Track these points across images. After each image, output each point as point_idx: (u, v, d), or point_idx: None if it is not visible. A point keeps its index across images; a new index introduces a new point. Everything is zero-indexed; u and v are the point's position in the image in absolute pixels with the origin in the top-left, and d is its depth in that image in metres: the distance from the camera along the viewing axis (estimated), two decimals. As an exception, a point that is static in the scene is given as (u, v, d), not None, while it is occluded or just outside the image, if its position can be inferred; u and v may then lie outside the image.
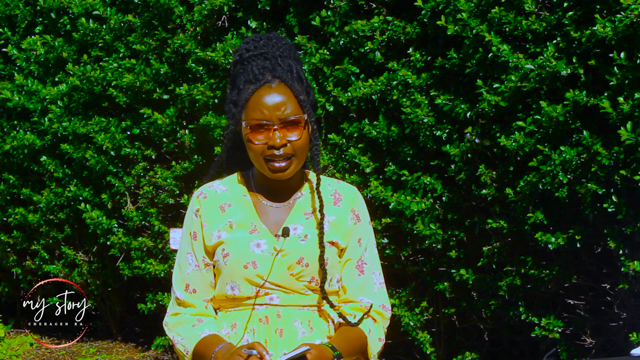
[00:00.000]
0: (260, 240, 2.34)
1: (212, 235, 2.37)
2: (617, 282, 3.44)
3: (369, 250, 2.45)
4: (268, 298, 2.34)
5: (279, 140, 2.30)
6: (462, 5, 3.36)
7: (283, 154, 2.31)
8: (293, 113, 2.32)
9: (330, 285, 2.38)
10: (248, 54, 2.41)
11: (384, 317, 2.43)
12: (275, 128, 2.30)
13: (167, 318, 2.45)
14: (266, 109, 2.31)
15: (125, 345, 5.54)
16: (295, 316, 2.35)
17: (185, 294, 2.41)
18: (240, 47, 2.46)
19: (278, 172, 2.32)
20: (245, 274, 2.32)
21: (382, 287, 2.46)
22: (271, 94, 2.33)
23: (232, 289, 2.35)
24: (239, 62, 2.41)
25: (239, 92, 2.36)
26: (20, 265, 5.65)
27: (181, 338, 2.38)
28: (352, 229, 2.41)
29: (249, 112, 2.32)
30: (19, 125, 5.18)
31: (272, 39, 2.46)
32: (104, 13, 4.53)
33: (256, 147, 2.31)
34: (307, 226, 2.37)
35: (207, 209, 2.40)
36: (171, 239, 3.58)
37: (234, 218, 2.38)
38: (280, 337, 2.33)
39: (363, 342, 2.37)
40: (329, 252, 2.36)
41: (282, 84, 2.34)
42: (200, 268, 2.40)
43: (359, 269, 2.42)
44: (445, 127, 3.59)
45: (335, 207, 2.42)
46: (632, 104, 3.07)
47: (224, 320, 2.39)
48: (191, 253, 2.41)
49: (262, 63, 2.38)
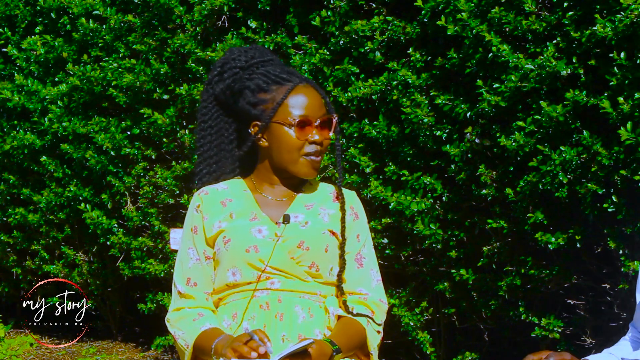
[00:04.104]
0: (262, 227, 2.39)
1: (213, 226, 2.41)
2: (617, 282, 3.44)
3: (367, 247, 2.49)
4: (269, 282, 2.37)
5: (319, 136, 2.36)
6: (462, 5, 3.36)
7: (319, 150, 2.38)
8: (327, 112, 2.39)
9: (330, 274, 2.41)
10: (254, 61, 2.45)
11: (381, 309, 2.46)
12: (317, 125, 2.36)
13: (169, 314, 2.47)
14: (309, 107, 2.39)
15: (125, 345, 5.54)
16: (295, 302, 2.37)
17: (186, 287, 2.44)
18: (232, 56, 2.48)
19: (314, 169, 2.38)
20: (247, 258, 2.35)
21: (379, 283, 2.49)
22: (309, 94, 2.40)
23: (233, 274, 2.37)
24: (244, 68, 2.44)
25: (265, 92, 2.39)
26: (20, 265, 5.65)
27: (182, 333, 2.39)
28: (351, 225, 2.46)
29: (288, 109, 2.37)
30: (19, 125, 5.18)
31: (259, 48, 2.52)
32: (104, 13, 4.53)
33: (297, 143, 2.37)
34: (308, 215, 2.42)
35: (209, 204, 2.44)
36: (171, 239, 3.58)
37: (234, 209, 2.41)
38: (280, 320, 2.35)
39: (362, 336, 2.39)
40: (329, 240, 2.40)
41: (309, 85, 2.40)
42: (201, 261, 2.43)
43: (358, 262, 2.46)
44: (445, 127, 3.59)
45: (335, 202, 2.47)
46: (632, 104, 3.07)
47: (225, 313, 2.41)
48: (192, 248, 2.44)
49: (276, 68, 2.43)
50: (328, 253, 2.40)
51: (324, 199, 2.48)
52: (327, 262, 2.40)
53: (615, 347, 2.44)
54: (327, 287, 2.43)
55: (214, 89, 2.49)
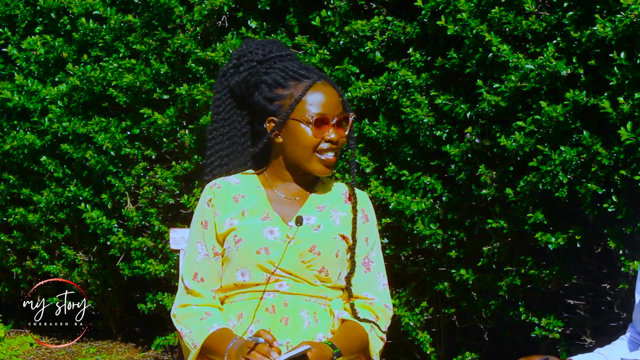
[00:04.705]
0: (274, 227, 2.36)
1: (225, 223, 2.38)
2: (617, 282, 3.44)
3: (375, 250, 2.48)
4: (277, 285, 2.35)
5: (335, 135, 2.34)
6: (462, 5, 3.36)
7: (334, 149, 2.36)
8: (344, 111, 2.38)
9: (339, 279, 2.40)
10: (272, 55, 2.42)
11: (386, 315, 2.45)
12: (334, 123, 2.34)
13: (175, 309, 2.45)
14: (327, 105, 2.36)
15: (125, 345, 5.54)
16: (302, 306, 2.36)
17: (193, 282, 2.41)
18: (249, 49, 2.44)
19: (330, 167, 2.36)
20: (258, 259, 2.33)
21: (385, 288, 2.48)
22: (327, 91, 2.37)
23: (242, 274, 2.35)
24: (261, 62, 2.41)
25: (283, 88, 2.36)
26: (20, 265, 5.64)
27: (189, 331, 2.37)
28: (361, 228, 2.44)
29: (306, 107, 2.34)
30: (19, 125, 5.18)
31: (276, 42, 2.48)
32: (104, 13, 4.53)
33: (313, 141, 2.34)
34: (320, 217, 2.40)
35: (221, 199, 2.41)
36: (171, 239, 3.58)
37: (246, 206, 2.39)
38: (285, 325, 2.33)
39: (364, 341, 2.38)
40: (340, 245, 2.38)
41: (327, 83, 2.38)
42: (209, 257, 2.40)
43: (366, 266, 2.44)
44: (445, 127, 3.59)
45: (347, 204, 2.45)
46: (632, 104, 3.07)
47: (230, 312, 2.39)
48: (201, 242, 2.41)
49: (294, 64, 2.40)
50: (338, 258, 2.38)
51: (336, 199, 2.46)
52: (337, 267, 2.39)
53: (608, 347, 2.43)
54: (335, 291, 2.42)
55: (228, 81, 2.45)
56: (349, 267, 2.40)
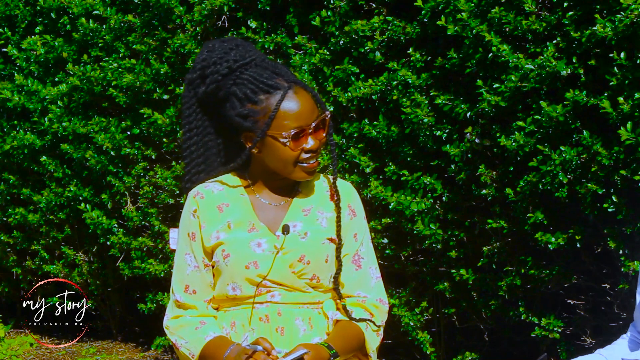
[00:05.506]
0: (261, 240, 2.33)
1: (211, 236, 2.36)
2: (617, 282, 3.44)
3: (365, 244, 2.44)
4: (269, 295, 2.34)
5: (314, 142, 2.30)
6: (462, 5, 3.36)
7: (314, 155, 2.31)
8: (319, 113, 2.32)
9: (330, 281, 2.38)
10: (236, 65, 2.34)
11: (381, 310, 2.43)
12: (310, 132, 2.30)
13: (168, 321, 2.43)
14: (302, 114, 2.28)
15: (125, 345, 5.54)
16: (296, 314, 2.34)
17: (185, 295, 2.40)
18: (212, 58, 2.34)
19: (312, 172, 2.32)
20: (247, 274, 2.32)
21: (378, 281, 2.45)
22: (299, 100, 2.29)
23: (233, 289, 2.34)
24: (227, 75, 2.33)
25: (254, 104, 2.30)
26: (20, 265, 5.64)
27: (185, 342, 2.36)
28: (348, 224, 2.41)
29: (282, 123, 2.27)
30: (19, 125, 5.17)
31: (239, 44, 2.40)
32: (104, 13, 4.53)
33: (292, 155, 2.29)
34: (306, 223, 2.37)
35: (205, 210, 2.38)
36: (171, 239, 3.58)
37: (232, 217, 2.36)
38: (281, 335, 2.32)
39: (360, 339, 2.36)
40: (329, 249, 2.36)
41: (298, 87, 2.31)
42: (200, 269, 2.38)
43: (356, 263, 2.42)
44: (445, 127, 3.59)
45: (332, 202, 2.42)
46: (632, 104, 3.07)
47: (224, 320, 2.38)
48: (190, 254, 2.39)
49: (261, 71, 2.33)
50: (328, 263, 2.36)
51: (320, 199, 2.42)
52: (328, 272, 2.37)
53: (609, 348, 2.43)
54: (327, 294, 2.41)
55: (195, 91, 2.37)
56: (336, 265, 2.37)
